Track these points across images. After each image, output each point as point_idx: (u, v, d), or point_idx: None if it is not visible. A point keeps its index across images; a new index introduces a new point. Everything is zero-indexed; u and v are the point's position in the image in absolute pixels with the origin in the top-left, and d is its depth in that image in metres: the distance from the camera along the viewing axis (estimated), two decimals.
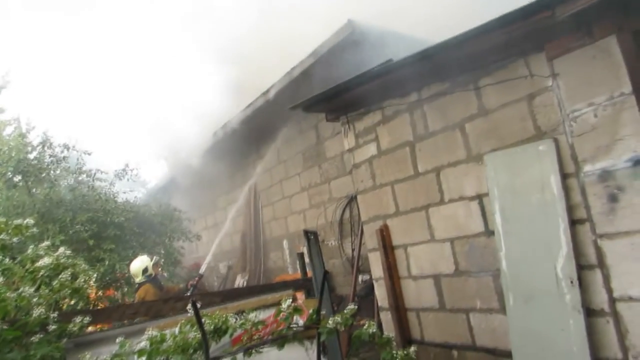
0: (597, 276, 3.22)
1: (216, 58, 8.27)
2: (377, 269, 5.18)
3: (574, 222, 3.32)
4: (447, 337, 4.46)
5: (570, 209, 3.33)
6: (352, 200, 6.76)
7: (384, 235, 4.99)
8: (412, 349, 2.14)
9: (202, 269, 7.71)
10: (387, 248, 4.97)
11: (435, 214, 4.47)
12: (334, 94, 4.87)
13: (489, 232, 3.95)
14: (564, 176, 3.35)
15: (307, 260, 4.85)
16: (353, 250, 6.61)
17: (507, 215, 3.72)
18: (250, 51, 8.17)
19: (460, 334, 4.32)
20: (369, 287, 5.93)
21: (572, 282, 3.27)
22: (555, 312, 3.37)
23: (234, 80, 8.08)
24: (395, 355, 2.10)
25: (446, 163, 4.31)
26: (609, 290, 3.15)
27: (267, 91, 7.21)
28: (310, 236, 4.51)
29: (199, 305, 2.29)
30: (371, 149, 5.16)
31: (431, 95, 4.42)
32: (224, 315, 2.54)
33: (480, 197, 4.02)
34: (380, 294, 5.19)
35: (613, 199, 3.08)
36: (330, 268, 7.10)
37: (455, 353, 4.39)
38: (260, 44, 7.91)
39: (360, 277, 6.43)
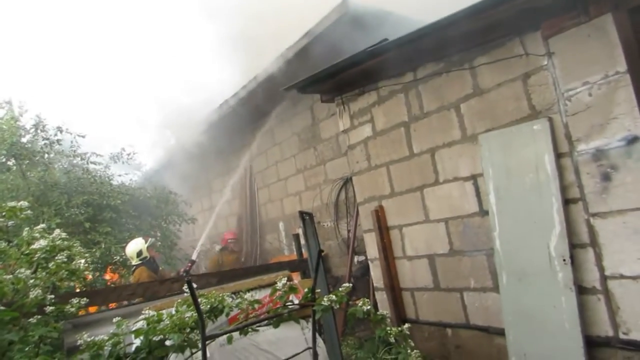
0: (589, 254, 3.26)
1: (213, 37, 8.17)
2: (372, 249, 5.22)
3: (567, 202, 3.34)
4: (442, 316, 4.52)
5: (563, 188, 3.35)
6: (347, 181, 6.77)
7: (379, 216, 5.01)
8: (406, 325, 2.17)
9: (195, 255, 7.70)
10: (382, 229, 5.00)
11: (430, 194, 4.49)
12: (329, 74, 4.84)
13: (483, 212, 3.98)
14: (558, 155, 3.36)
15: (302, 241, 4.87)
16: (349, 231, 6.64)
17: (501, 195, 3.74)
18: (248, 32, 8.08)
19: (454, 313, 4.38)
20: (365, 268, 5.99)
21: (564, 260, 3.31)
22: (548, 290, 3.41)
23: (230, 57, 7.99)
24: (389, 331, 2.13)
25: (441, 143, 4.32)
26: (601, 268, 3.19)
27: (261, 73, 7.14)
28: (306, 217, 4.52)
29: (195, 287, 2.30)
30: (366, 130, 5.15)
31: (426, 75, 4.39)
32: (220, 295, 2.56)
33: (474, 178, 4.04)
34: (376, 274, 5.24)
35: (606, 178, 3.10)
36: (326, 249, 7.14)
37: (449, 331, 4.46)
38: (257, 22, 7.80)
39: (355, 258, 6.48)
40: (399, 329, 2.16)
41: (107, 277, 7.53)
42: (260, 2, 7.35)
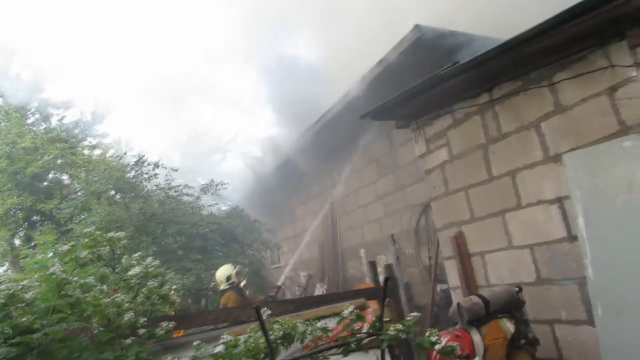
0: None
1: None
2: (453, 277, 5.02)
3: None
4: None
5: None
6: (427, 207, 6.61)
7: (459, 242, 4.82)
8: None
9: (281, 280, 7.89)
10: (463, 256, 4.80)
11: (513, 219, 4.25)
12: (403, 100, 4.83)
13: (572, 237, 3.68)
14: None
15: (379, 269, 4.81)
16: (430, 258, 6.45)
17: (591, 218, 3.45)
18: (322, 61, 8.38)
19: (545, 347, 4.02)
20: (448, 297, 5.74)
21: None
22: None
23: (312, 83, 8.30)
24: None
25: (522, 165, 4.10)
26: None
27: (337, 102, 7.33)
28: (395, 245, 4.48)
29: (270, 312, 2.36)
30: (442, 154, 5.04)
31: (503, 95, 4.24)
32: (293, 322, 2.61)
33: (560, 200, 3.77)
34: None
35: None
36: (408, 277, 6.97)
37: None
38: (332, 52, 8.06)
39: (438, 287, 6.24)
40: None
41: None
42: (333, 33, 7.59)
